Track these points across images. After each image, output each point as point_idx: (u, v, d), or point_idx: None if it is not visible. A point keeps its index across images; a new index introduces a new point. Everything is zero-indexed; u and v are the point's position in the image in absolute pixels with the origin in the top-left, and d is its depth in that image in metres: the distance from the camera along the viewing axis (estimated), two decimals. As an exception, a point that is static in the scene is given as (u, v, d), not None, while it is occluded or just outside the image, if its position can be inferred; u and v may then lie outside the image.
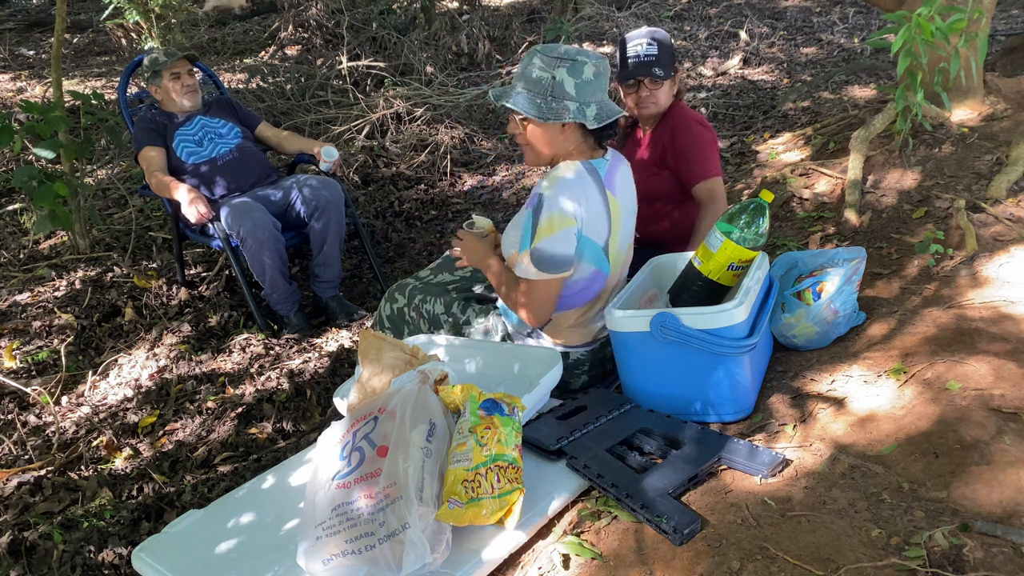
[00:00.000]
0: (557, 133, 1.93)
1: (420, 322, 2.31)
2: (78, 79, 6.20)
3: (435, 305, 2.27)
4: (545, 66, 1.87)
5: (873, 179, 2.77)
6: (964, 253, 2.22)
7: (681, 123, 2.40)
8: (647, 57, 2.36)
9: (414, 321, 2.32)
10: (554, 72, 1.87)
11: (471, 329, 2.22)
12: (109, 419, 2.69)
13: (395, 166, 4.38)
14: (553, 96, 1.88)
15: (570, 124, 1.92)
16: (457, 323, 2.23)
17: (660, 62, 2.35)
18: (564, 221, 1.88)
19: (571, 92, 1.87)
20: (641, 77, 2.35)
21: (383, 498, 1.45)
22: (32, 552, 2.13)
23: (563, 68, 1.86)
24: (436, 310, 2.27)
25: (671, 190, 2.44)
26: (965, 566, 1.25)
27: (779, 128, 4.02)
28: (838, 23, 5.83)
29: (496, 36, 5.93)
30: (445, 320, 2.25)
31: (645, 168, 2.46)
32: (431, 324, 2.28)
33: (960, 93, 2.94)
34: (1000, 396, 1.59)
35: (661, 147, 2.43)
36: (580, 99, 1.87)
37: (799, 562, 1.30)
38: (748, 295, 1.80)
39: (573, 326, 2.09)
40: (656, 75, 2.34)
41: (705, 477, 1.59)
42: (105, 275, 3.51)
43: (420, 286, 2.36)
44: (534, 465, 1.69)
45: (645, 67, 2.35)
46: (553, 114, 1.87)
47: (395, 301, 2.37)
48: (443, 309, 2.26)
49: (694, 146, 2.37)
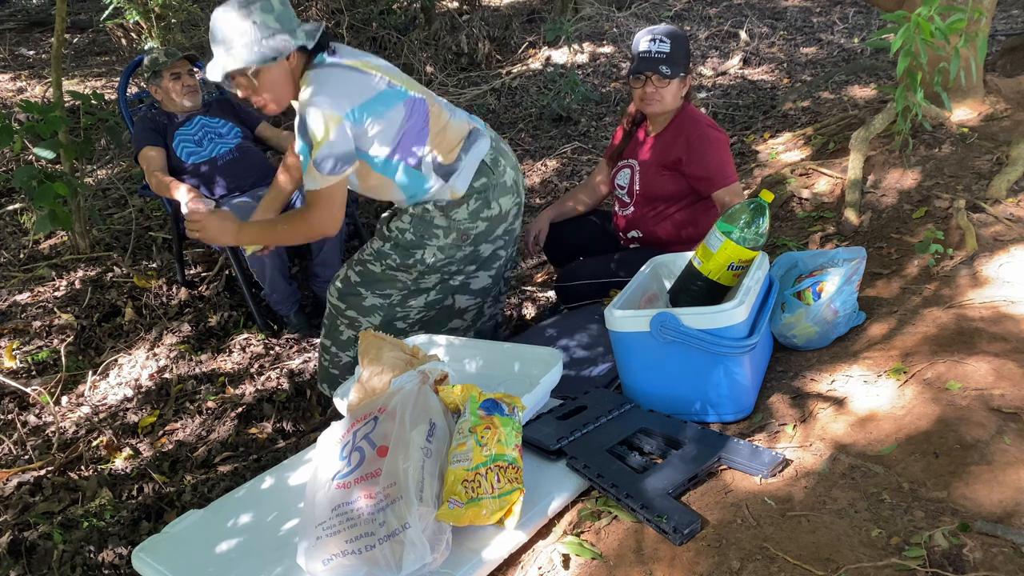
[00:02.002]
0: (286, 69, 2.02)
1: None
2: (78, 79, 6.20)
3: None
4: (241, 18, 1.94)
5: (873, 179, 2.77)
6: (964, 253, 2.22)
7: (697, 132, 2.38)
8: (657, 54, 2.34)
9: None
10: (252, 18, 1.94)
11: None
12: (109, 419, 2.69)
13: (395, 166, 4.38)
14: (264, 37, 1.95)
15: (293, 54, 2.00)
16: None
17: (670, 60, 2.33)
18: (331, 119, 1.95)
19: (276, 26, 1.95)
20: (648, 73, 2.34)
21: (383, 498, 1.45)
22: (32, 552, 2.13)
23: (256, 9, 1.94)
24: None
25: (674, 191, 2.43)
26: (965, 566, 1.25)
27: (779, 128, 4.02)
28: (838, 23, 5.83)
29: (496, 36, 5.92)
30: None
31: (649, 169, 2.46)
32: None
33: (960, 93, 2.94)
34: (1000, 396, 1.59)
35: (671, 152, 2.40)
36: (287, 27, 1.97)
37: (799, 562, 1.30)
38: (748, 295, 1.80)
39: (445, 164, 2.15)
40: (663, 73, 2.33)
41: (705, 477, 1.59)
42: (105, 275, 3.51)
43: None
44: (534, 465, 1.69)
45: (653, 63, 2.34)
46: (275, 51, 1.95)
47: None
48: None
49: (712, 153, 2.36)
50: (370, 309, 2.29)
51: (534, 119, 4.94)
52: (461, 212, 2.18)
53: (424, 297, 2.31)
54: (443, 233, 2.19)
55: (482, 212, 2.20)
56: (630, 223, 2.54)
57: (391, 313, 2.31)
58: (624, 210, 2.55)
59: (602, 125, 4.77)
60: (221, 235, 2.21)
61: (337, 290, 2.33)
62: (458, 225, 2.19)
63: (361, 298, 2.29)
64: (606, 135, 4.60)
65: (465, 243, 2.23)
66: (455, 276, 2.31)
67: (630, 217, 2.53)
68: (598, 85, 5.27)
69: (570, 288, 2.53)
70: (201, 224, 2.18)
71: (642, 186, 2.47)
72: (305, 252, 3.25)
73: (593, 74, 5.42)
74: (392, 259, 2.23)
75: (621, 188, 2.55)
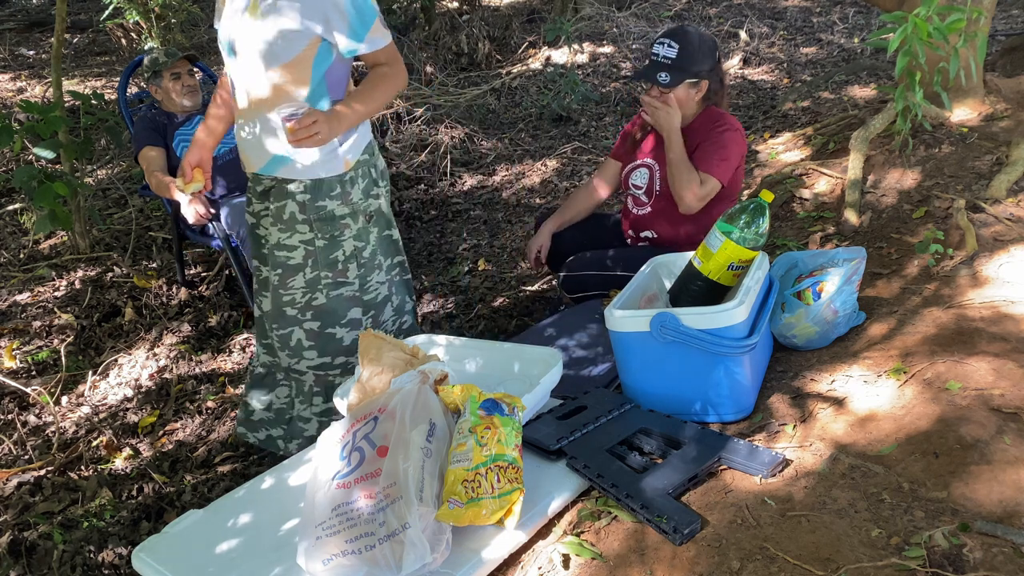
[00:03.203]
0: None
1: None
2: (78, 79, 6.20)
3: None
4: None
5: (873, 179, 2.77)
6: (964, 253, 2.22)
7: (712, 129, 2.31)
8: (663, 59, 2.27)
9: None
10: None
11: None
12: (109, 419, 2.69)
13: (395, 166, 4.39)
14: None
15: None
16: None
17: (673, 66, 2.25)
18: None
19: None
20: (646, 82, 2.29)
21: (383, 498, 1.45)
22: (32, 552, 2.13)
23: None
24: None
25: None
26: (965, 566, 1.25)
27: (779, 128, 4.02)
28: (838, 23, 5.83)
29: (496, 36, 5.92)
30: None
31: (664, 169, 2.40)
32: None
33: (960, 93, 2.94)
34: (1000, 396, 1.59)
35: (690, 148, 2.34)
36: None
37: (799, 562, 1.30)
38: (748, 295, 1.80)
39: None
40: (660, 81, 2.25)
41: (705, 477, 1.59)
42: (105, 275, 3.51)
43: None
44: (534, 465, 1.69)
45: (653, 70, 2.27)
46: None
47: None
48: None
49: (716, 142, 2.30)
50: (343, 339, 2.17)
51: (534, 119, 4.94)
52: (356, 192, 2.09)
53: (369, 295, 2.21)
54: (353, 220, 2.10)
55: (371, 190, 2.14)
56: (645, 223, 2.49)
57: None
58: (640, 209, 2.49)
59: (602, 125, 4.77)
60: (338, 130, 1.96)
61: (293, 350, 2.17)
62: (357, 206, 2.10)
63: (335, 338, 2.16)
64: (606, 135, 4.60)
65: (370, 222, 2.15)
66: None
67: (646, 217, 2.48)
68: (598, 85, 5.27)
69: (575, 278, 2.51)
70: (315, 132, 1.87)
71: (663, 188, 2.41)
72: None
73: (593, 74, 5.42)
74: (326, 276, 2.11)
75: (637, 188, 2.48)
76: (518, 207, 3.95)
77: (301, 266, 2.08)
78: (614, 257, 2.46)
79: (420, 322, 2.87)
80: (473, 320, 3.06)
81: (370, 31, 1.95)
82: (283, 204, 2.06)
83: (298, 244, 2.07)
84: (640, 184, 2.48)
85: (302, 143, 1.86)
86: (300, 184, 2.04)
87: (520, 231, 3.69)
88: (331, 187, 2.05)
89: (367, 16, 1.94)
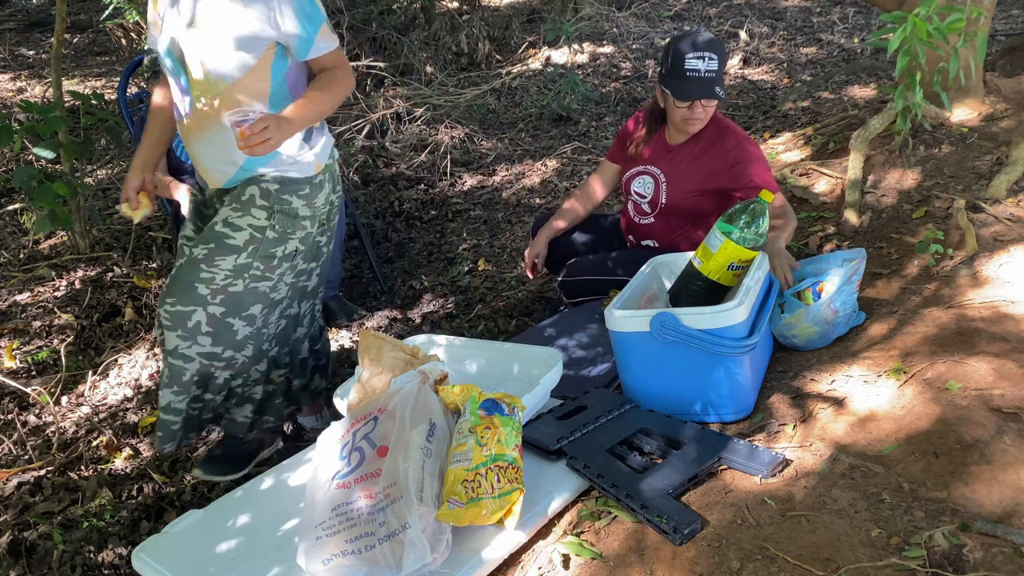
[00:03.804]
0: None
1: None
2: (78, 79, 6.20)
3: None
4: None
5: (873, 179, 2.77)
6: (964, 253, 2.22)
7: (738, 152, 2.26)
8: (708, 73, 2.18)
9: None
10: None
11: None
12: (109, 419, 2.69)
13: (395, 166, 4.38)
14: None
15: None
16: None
17: (720, 79, 2.20)
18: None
19: None
20: (705, 102, 2.21)
21: (383, 498, 1.45)
22: (32, 552, 2.13)
23: None
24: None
25: (706, 210, 2.34)
26: (965, 566, 1.25)
27: (779, 128, 4.02)
28: (838, 23, 5.83)
29: (496, 36, 5.92)
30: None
31: (680, 186, 2.35)
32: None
33: (960, 93, 2.94)
34: (1000, 396, 1.59)
35: (712, 177, 2.29)
36: None
37: (799, 562, 1.30)
38: (748, 295, 1.80)
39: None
40: (718, 95, 2.19)
41: (705, 477, 1.59)
42: (105, 275, 3.51)
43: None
44: (534, 465, 1.69)
45: (707, 86, 2.18)
46: None
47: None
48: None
49: (755, 167, 2.25)
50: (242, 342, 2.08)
51: (534, 119, 4.94)
52: (320, 197, 2.05)
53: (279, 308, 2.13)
54: (310, 223, 2.05)
55: (331, 196, 2.10)
56: (647, 232, 2.47)
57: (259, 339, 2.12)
58: (642, 218, 2.46)
59: (602, 125, 4.77)
60: (289, 133, 1.88)
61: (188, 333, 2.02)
62: (318, 211, 2.06)
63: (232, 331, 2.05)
64: (606, 135, 4.60)
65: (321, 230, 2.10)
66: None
67: (648, 227, 2.45)
68: (598, 85, 5.27)
69: (574, 283, 2.50)
70: (267, 137, 1.79)
71: (670, 201, 2.37)
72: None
73: (593, 74, 5.42)
74: (256, 268, 2.01)
75: (641, 196, 2.43)
76: (518, 207, 3.94)
77: (238, 249, 1.97)
78: (614, 260, 2.45)
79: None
80: (473, 320, 3.06)
81: (318, 35, 1.92)
82: (245, 188, 1.99)
83: (245, 227, 1.97)
84: (643, 193, 2.43)
85: (254, 149, 1.79)
86: (270, 176, 1.99)
87: (520, 231, 3.69)
88: (300, 187, 2.01)
89: (315, 20, 1.92)
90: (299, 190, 2.01)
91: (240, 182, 2.00)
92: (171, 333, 2.02)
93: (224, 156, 1.97)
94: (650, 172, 2.42)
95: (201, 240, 2.00)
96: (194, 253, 1.99)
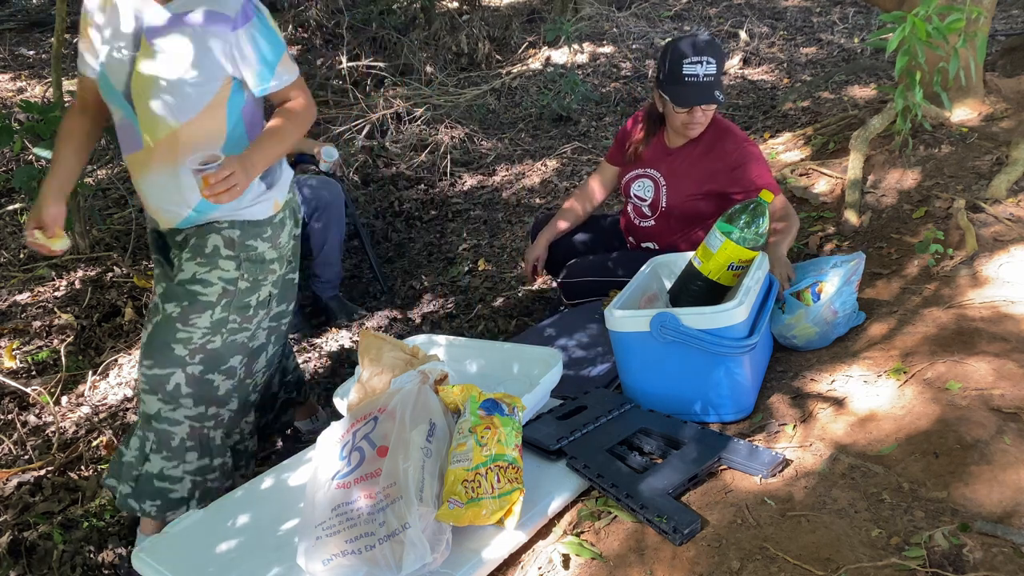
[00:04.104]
0: None
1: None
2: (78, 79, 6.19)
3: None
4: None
5: (873, 179, 2.77)
6: (964, 253, 2.22)
7: (738, 155, 2.24)
8: (706, 77, 2.15)
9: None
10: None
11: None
12: (109, 419, 2.69)
13: (395, 166, 4.39)
14: None
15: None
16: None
17: (719, 82, 2.18)
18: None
19: None
20: (705, 107, 2.19)
21: (383, 498, 1.45)
22: (32, 552, 2.13)
23: None
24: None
25: (706, 212, 2.33)
26: (965, 566, 1.25)
27: (779, 128, 4.02)
28: (838, 23, 5.83)
29: (496, 36, 5.93)
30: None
31: (680, 189, 2.34)
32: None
33: (960, 93, 2.94)
34: (1000, 396, 1.59)
35: (712, 178, 2.28)
36: None
37: (799, 562, 1.30)
38: (748, 295, 1.80)
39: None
40: (718, 100, 2.17)
41: (705, 477, 1.59)
42: (105, 275, 3.51)
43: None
44: (534, 465, 1.69)
45: (707, 91, 2.16)
46: None
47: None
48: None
49: (753, 168, 2.24)
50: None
51: (534, 119, 4.94)
52: (284, 235, 1.95)
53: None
54: (279, 265, 1.96)
55: (293, 231, 2.01)
56: (647, 235, 2.46)
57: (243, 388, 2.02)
58: (643, 221, 2.45)
59: (602, 125, 4.77)
60: (254, 176, 1.75)
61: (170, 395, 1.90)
62: (283, 250, 1.96)
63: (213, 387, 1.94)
64: (606, 135, 4.60)
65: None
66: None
67: (649, 230, 2.45)
68: (598, 85, 5.27)
69: (574, 285, 2.50)
70: (233, 183, 1.68)
71: (670, 204, 2.36)
72: (306, 252, 3.25)
73: (593, 74, 5.42)
74: (233, 320, 1.91)
75: (641, 200, 2.42)
76: (518, 207, 3.95)
77: (212, 304, 1.86)
78: (614, 261, 2.45)
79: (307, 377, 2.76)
80: (473, 320, 3.06)
81: (279, 66, 1.80)
82: (205, 239, 1.86)
83: (216, 281, 1.86)
84: (644, 197, 2.42)
85: (220, 197, 1.66)
86: (228, 222, 1.87)
87: (520, 231, 3.69)
88: (262, 229, 1.90)
89: (276, 50, 1.79)
90: (262, 233, 1.90)
91: (193, 224, 1.88)
92: (151, 397, 1.91)
93: (176, 197, 1.84)
94: (650, 175, 2.41)
95: (172, 297, 1.88)
96: (168, 311, 1.87)
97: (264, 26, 1.78)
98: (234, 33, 1.73)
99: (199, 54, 1.73)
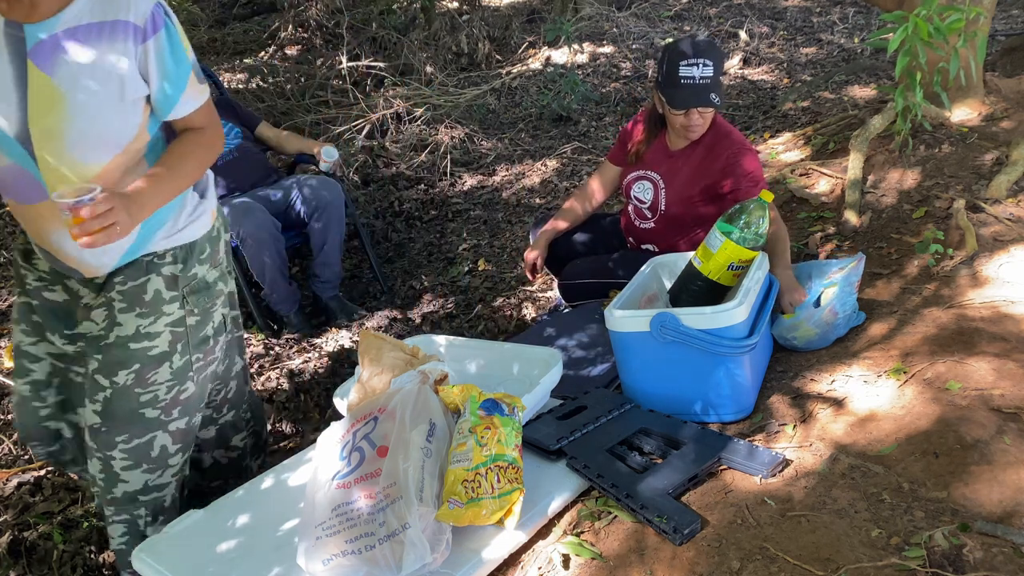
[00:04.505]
0: None
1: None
2: (78, 79, 6.19)
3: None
4: None
5: (873, 179, 2.77)
6: (964, 253, 2.22)
7: (733, 155, 2.22)
8: (703, 80, 2.13)
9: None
10: None
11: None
12: (109, 419, 2.69)
13: (395, 166, 4.39)
14: None
15: None
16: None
17: (716, 85, 2.16)
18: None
19: None
20: (701, 109, 2.17)
21: (383, 498, 1.45)
22: (32, 552, 2.13)
23: None
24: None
25: (705, 215, 2.33)
26: (965, 566, 1.25)
27: (779, 128, 4.02)
28: (838, 23, 5.83)
29: (496, 36, 5.93)
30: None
31: (680, 191, 2.33)
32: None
33: (960, 93, 2.94)
34: (1000, 396, 1.59)
35: (708, 179, 2.27)
36: None
37: (799, 562, 1.30)
38: (748, 295, 1.80)
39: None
40: (713, 103, 2.15)
41: (705, 477, 1.59)
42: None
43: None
44: (534, 465, 1.69)
45: (702, 94, 2.14)
46: None
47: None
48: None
49: (746, 163, 2.22)
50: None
51: (534, 119, 4.94)
52: (221, 248, 1.76)
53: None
54: (223, 282, 1.74)
55: (225, 237, 1.80)
56: (647, 237, 2.46)
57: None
58: (643, 223, 2.44)
59: (602, 125, 4.77)
60: (140, 217, 1.48)
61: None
62: (222, 264, 1.77)
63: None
64: (606, 135, 4.60)
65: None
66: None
67: (649, 231, 2.44)
68: (598, 85, 5.27)
69: (574, 286, 2.50)
70: (112, 222, 1.38)
71: (670, 207, 2.36)
72: (306, 252, 3.25)
73: (593, 74, 5.42)
74: (197, 359, 1.71)
75: (641, 202, 2.42)
76: (518, 207, 3.95)
77: (167, 355, 1.64)
78: (614, 262, 2.45)
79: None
80: (473, 320, 3.06)
81: (187, 87, 1.55)
82: (142, 283, 1.60)
83: (163, 329, 1.62)
84: (644, 199, 2.41)
85: (95, 238, 1.36)
86: (169, 255, 1.63)
87: (520, 231, 3.69)
88: (201, 249, 1.68)
89: (182, 69, 1.52)
90: (201, 254, 1.68)
91: (132, 258, 1.61)
92: (133, 472, 1.69)
93: (108, 245, 1.46)
94: (650, 177, 2.41)
95: (116, 363, 1.61)
96: (119, 382, 1.62)
97: (173, 40, 1.51)
98: (142, 46, 1.47)
99: (116, 79, 1.45)
